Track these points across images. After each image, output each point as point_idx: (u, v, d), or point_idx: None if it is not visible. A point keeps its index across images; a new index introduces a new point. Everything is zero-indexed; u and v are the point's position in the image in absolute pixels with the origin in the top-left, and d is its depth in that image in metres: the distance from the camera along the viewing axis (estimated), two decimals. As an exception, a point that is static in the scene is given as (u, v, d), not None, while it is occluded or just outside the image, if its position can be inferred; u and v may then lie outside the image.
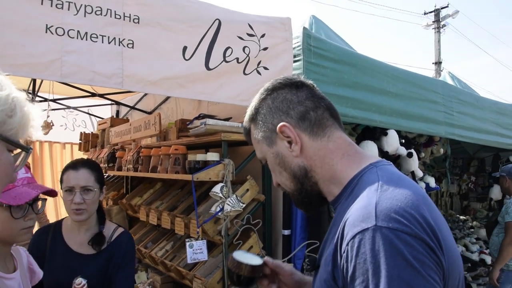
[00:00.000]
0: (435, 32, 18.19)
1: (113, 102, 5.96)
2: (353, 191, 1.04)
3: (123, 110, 6.25)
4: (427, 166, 5.99)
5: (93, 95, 5.27)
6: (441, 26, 18.15)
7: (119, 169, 4.11)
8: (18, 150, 0.85)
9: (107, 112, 6.62)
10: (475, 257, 5.33)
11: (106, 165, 4.37)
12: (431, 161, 5.96)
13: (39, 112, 0.86)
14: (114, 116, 5.98)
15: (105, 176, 5.63)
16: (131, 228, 4.20)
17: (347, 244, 0.91)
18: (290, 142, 1.12)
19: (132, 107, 5.57)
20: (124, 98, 5.78)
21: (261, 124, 1.16)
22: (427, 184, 4.40)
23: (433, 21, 18.28)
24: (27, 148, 0.85)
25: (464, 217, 7.21)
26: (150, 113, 5.36)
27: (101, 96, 5.35)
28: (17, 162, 0.85)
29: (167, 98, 4.85)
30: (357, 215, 0.93)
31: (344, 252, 0.92)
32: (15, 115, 0.80)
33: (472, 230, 6.53)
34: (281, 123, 1.11)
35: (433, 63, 18.02)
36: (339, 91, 3.03)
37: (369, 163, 1.09)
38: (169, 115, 4.75)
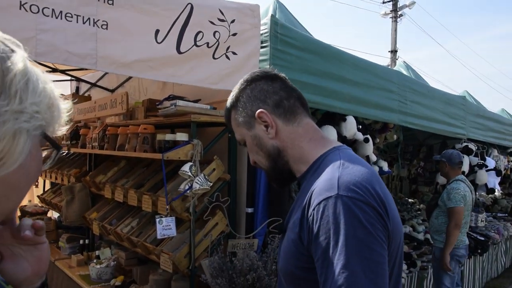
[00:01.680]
0: (392, 21, 18.70)
1: (73, 78, 5.86)
2: (318, 169, 1.24)
3: (83, 87, 6.16)
4: (381, 151, 6.31)
5: (54, 70, 5.17)
6: (398, 15, 18.68)
7: (83, 146, 4.11)
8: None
9: (66, 88, 6.49)
10: (421, 236, 5.72)
11: (69, 142, 4.36)
12: (384, 146, 6.29)
13: (66, 109, 0.80)
14: (75, 93, 5.89)
15: (66, 153, 5.60)
16: (94, 205, 4.24)
17: (313, 209, 1.11)
18: (266, 126, 1.30)
19: (94, 84, 5.52)
20: (85, 75, 5.70)
21: (241, 111, 1.34)
22: (380, 168, 4.68)
23: (390, 10, 18.77)
24: (59, 147, 0.81)
25: (412, 200, 7.66)
26: (112, 91, 5.34)
27: (63, 72, 5.25)
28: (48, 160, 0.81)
29: (131, 77, 4.84)
30: (323, 186, 1.13)
31: (310, 216, 1.12)
32: (54, 108, 0.76)
33: (419, 212, 6.97)
34: (259, 110, 1.29)
35: (389, 51, 18.58)
36: (303, 78, 3.20)
37: (332, 146, 1.29)
38: (132, 93, 4.75)
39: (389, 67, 9.40)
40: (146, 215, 3.59)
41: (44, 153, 0.78)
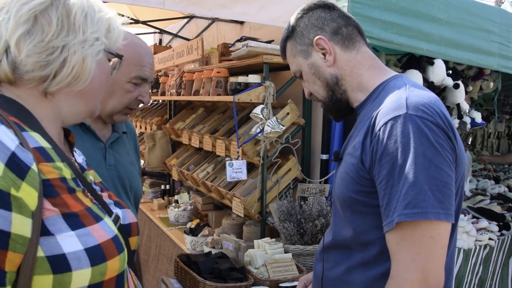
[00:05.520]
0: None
1: (156, 30, 5.99)
2: (378, 96, 1.21)
3: (165, 39, 6.29)
4: (475, 104, 5.78)
5: (136, 22, 5.31)
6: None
7: (163, 94, 4.21)
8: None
9: (150, 40, 6.68)
10: (517, 198, 5.25)
11: (150, 91, 4.49)
12: (479, 98, 5.73)
13: (122, 29, 1.03)
14: (157, 44, 6.03)
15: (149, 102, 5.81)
16: (174, 152, 4.37)
17: (379, 129, 1.09)
18: (324, 54, 1.28)
19: (175, 35, 5.59)
20: (167, 26, 5.79)
21: (298, 40, 1.32)
22: (473, 119, 4.27)
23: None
24: (121, 56, 1.03)
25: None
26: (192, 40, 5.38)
27: (144, 23, 5.38)
28: (113, 68, 1.07)
29: (209, 25, 4.82)
30: (390, 106, 1.11)
31: (375, 136, 1.10)
32: (112, 30, 0.98)
33: (519, 173, 6.36)
34: (317, 36, 1.28)
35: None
36: (385, 16, 2.91)
37: (394, 74, 1.27)
38: (210, 42, 4.74)
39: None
40: (221, 161, 3.62)
41: (111, 63, 1.04)
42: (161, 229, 3.64)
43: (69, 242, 0.80)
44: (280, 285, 1.95)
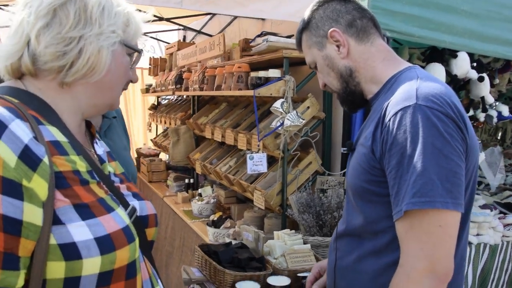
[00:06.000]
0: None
1: (180, 27, 6.08)
2: (391, 87, 1.23)
3: (189, 36, 6.37)
4: (505, 98, 5.64)
5: (160, 19, 5.40)
6: None
7: (186, 89, 4.29)
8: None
9: (174, 37, 6.78)
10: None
11: (174, 86, 4.57)
12: (508, 91, 5.59)
13: (142, 24, 1.07)
14: (181, 41, 6.11)
15: (173, 98, 5.91)
16: (198, 146, 4.45)
17: (389, 120, 1.11)
18: (338, 46, 1.30)
19: (198, 31, 5.67)
20: (191, 23, 5.87)
21: (313, 32, 1.35)
22: (499, 113, 4.18)
23: None
24: (140, 50, 1.07)
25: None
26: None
27: (168, 20, 5.46)
28: (132, 62, 1.09)
29: (231, 21, 4.87)
30: (400, 97, 1.13)
31: (385, 127, 1.12)
32: (130, 24, 1.02)
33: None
34: (332, 29, 1.30)
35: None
36: (406, 9, 2.89)
37: (407, 66, 1.28)
38: (232, 38, 4.79)
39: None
40: (243, 155, 3.66)
41: (133, 58, 1.07)
42: (184, 221, 3.72)
43: (79, 231, 0.84)
44: (298, 274, 1.99)
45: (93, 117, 1.08)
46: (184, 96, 5.53)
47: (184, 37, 6.45)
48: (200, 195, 4.06)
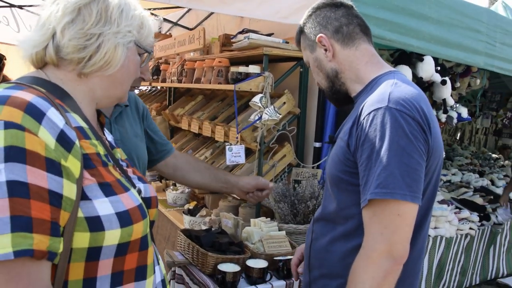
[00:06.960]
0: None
1: (156, 18, 6.09)
2: (372, 88, 1.36)
3: (165, 27, 6.39)
4: (465, 100, 5.95)
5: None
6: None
7: (163, 81, 4.36)
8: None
9: (149, 28, 6.76)
10: (499, 191, 5.46)
11: (151, 77, 4.63)
12: (469, 95, 5.91)
13: (154, 27, 1.19)
14: (157, 32, 6.13)
15: (147, 88, 5.94)
16: (173, 137, 4.53)
17: (363, 118, 1.25)
18: (325, 50, 1.45)
19: (175, 23, 5.71)
20: (167, 14, 5.90)
21: (307, 35, 1.50)
22: (459, 114, 4.44)
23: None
24: (150, 51, 1.19)
25: (496, 156, 7.21)
26: (192, 29, 5.50)
27: (149, 10, 5.47)
28: (142, 61, 1.20)
29: (209, 15, 4.95)
30: (375, 99, 1.27)
31: (360, 124, 1.26)
32: (144, 27, 1.14)
33: (503, 168, 6.56)
34: (319, 35, 1.45)
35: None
36: (380, 14, 3.08)
37: (388, 70, 1.42)
38: (210, 32, 4.87)
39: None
40: (219, 146, 3.79)
41: (143, 58, 1.18)
42: (159, 210, 3.81)
43: (103, 206, 0.96)
44: (275, 258, 2.14)
45: (105, 107, 1.19)
46: (159, 87, 5.58)
47: (160, 29, 6.45)
48: (174, 184, 4.15)
